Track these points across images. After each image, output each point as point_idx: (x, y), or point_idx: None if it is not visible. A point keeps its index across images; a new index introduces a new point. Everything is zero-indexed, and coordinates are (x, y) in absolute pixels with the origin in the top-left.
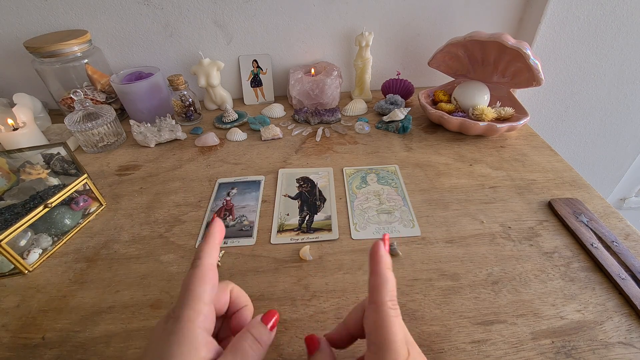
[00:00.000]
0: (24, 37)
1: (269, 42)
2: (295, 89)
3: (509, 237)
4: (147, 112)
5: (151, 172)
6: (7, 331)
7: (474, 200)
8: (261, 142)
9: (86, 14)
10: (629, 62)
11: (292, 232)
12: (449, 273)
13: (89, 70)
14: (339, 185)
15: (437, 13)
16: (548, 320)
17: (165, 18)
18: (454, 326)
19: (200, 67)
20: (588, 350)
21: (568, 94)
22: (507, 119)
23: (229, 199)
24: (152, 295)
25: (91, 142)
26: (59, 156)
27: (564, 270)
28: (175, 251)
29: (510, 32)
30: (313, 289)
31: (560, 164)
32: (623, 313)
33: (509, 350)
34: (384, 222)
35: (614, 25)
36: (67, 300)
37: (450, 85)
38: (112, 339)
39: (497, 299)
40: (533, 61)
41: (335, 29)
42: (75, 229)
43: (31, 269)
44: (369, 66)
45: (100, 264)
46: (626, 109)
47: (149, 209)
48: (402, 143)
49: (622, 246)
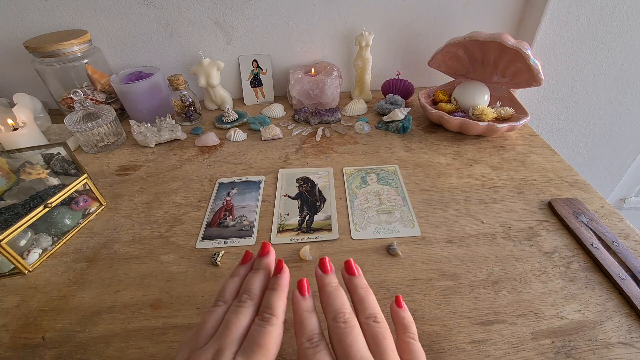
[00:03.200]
0: (24, 37)
1: (269, 42)
2: (295, 89)
3: (509, 237)
4: (147, 112)
5: (151, 172)
6: (7, 331)
7: (474, 200)
8: (261, 142)
9: (86, 14)
10: (629, 63)
11: (292, 232)
12: (449, 273)
13: (89, 70)
14: (339, 185)
15: (437, 13)
16: (548, 320)
17: (165, 18)
18: (454, 326)
19: (200, 67)
20: (588, 350)
21: (568, 94)
22: (507, 119)
23: (229, 199)
24: (152, 295)
25: (91, 142)
26: (59, 156)
27: (564, 270)
28: (175, 251)
29: (510, 32)
30: (313, 289)
31: (560, 164)
32: (623, 313)
33: (509, 350)
34: (384, 222)
35: (614, 25)
36: (67, 300)
37: (450, 85)
38: (112, 339)
39: (497, 299)
40: (533, 61)
41: (335, 29)
42: (75, 229)
43: (31, 269)
44: (369, 66)
45: (100, 264)
46: (626, 109)
47: (149, 209)
48: (402, 143)
49: (622, 246)
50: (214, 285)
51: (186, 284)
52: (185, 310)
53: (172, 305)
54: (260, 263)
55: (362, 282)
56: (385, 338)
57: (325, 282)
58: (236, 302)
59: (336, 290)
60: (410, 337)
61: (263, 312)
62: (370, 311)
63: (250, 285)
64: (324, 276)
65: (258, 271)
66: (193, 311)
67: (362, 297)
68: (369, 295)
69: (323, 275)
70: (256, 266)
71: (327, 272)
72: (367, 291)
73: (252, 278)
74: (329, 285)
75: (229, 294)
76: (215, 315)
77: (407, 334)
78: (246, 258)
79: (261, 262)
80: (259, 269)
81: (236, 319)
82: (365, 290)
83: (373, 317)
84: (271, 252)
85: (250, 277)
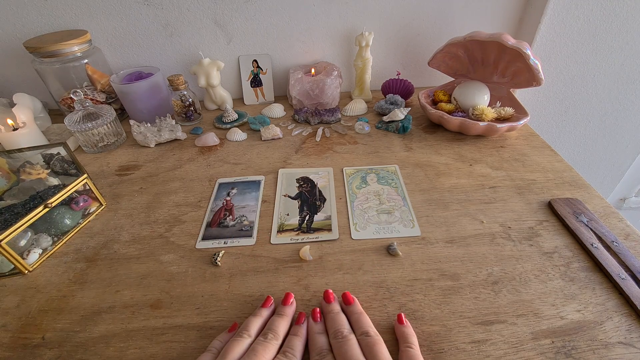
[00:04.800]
0: (24, 37)
1: (269, 42)
2: (295, 89)
3: (509, 237)
4: (147, 112)
5: (151, 172)
6: (7, 331)
7: (474, 200)
8: (261, 142)
9: (86, 14)
10: (629, 62)
11: (292, 232)
12: (449, 273)
13: (89, 70)
14: (339, 185)
15: (437, 13)
16: (548, 320)
17: (165, 18)
18: (454, 326)
19: (200, 67)
20: (588, 350)
21: (568, 94)
22: (507, 119)
23: (229, 199)
24: (152, 295)
25: (91, 142)
26: (59, 156)
27: (564, 270)
28: (175, 251)
29: (510, 32)
30: (313, 289)
31: (560, 164)
32: (623, 313)
33: (509, 350)
34: (384, 222)
35: (614, 25)
36: (67, 300)
37: (450, 85)
38: (112, 339)
39: (497, 299)
40: (533, 61)
41: (335, 29)
42: (75, 229)
43: (31, 269)
44: (369, 66)
45: (100, 264)
46: (626, 109)
47: (149, 209)
48: (402, 143)
49: (622, 246)
50: (214, 285)
51: (186, 284)
52: (185, 311)
53: (172, 305)
54: (284, 310)
55: (358, 308)
56: (375, 345)
57: (329, 310)
58: (262, 337)
59: (337, 315)
60: (408, 346)
61: (286, 352)
62: (363, 329)
63: (276, 327)
64: (328, 305)
65: (282, 316)
66: (193, 311)
67: (357, 319)
68: (362, 318)
69: (327, 304)
70: (280, 312)
71: (330, 302)
72: (361, 314)
73: (277, 321)
74: (332, 312)
75: (253, 330)
76: (242, 344)
77: (405, 344)
78: (267, 303)
79: (285, 309)
80: (283, 315)
81: (263, 351)
82: (359, 314)
83: (366, 332)
84: (293, 302)
85: (275, 319)
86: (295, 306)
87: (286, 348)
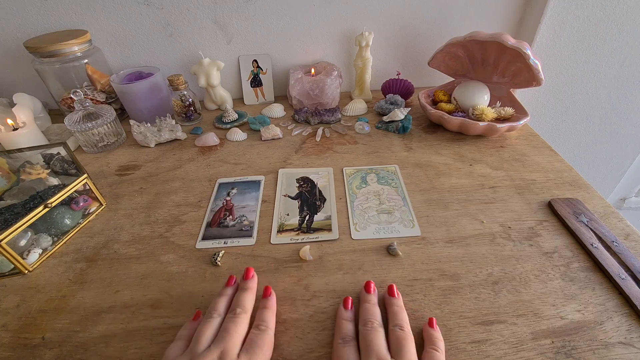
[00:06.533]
0: (24, 37)
1: (269, 42)
2: (295, 89)
3: (509, 237)
4: (147, 112)
5: (151, 172)
6: (7, 331)
7: (474, 200)
8: (261, 142)
9: (86, 14)
10: (629, 62)
11: (292, 232)
12: (449, 273)
13: (89, 70)
14: (339, 185)
15: (437, 13)
16: (548, 320)
17: (165, 18)
18: (454, 326)
19: (200, 67)
20: (588, 350)
21: (568, 94)
22: (507, 119)
23: (229, 199)
24: (152, 295)
25: (91, 142)
26: (59, 156)
27: (564, 270)
28: (175, 251)
29: (510, 32)
30: (313, 289)
31: (560, 164)
32: (623, 313)
33: (509, 350)
34: (384, 222)
35: (614, 25)
36: (67, 300)
37: (450, 85)
38: (112, 339)
39: (497, 299)
40: (533, 61)
41: (335, 29)
42: (75, 229)
43: (31, 269)
44: (369, 66)
45: (100, 264)
46: (626, 108)
47: (149, 209)
48: (402, 143)
49: (622, 246)
50: (214, 285)
51: (186, 284)
52: (185, 310)
53: (172, 305)
54: (246, 284)
55: (399, 302)
56: (405, 339)
57: (366, 299)
58: (231, 314)
59: (373, 306)
60: (433, 348)
61: (259, 324)
62: (398, 321)
63: (242, 301)
64: (367, 295)
65: (247, 290)
66: (193, 311)
67: (396, 312)
68: (401, 312)
69: (366, 294)
70: (243, 286)
71: (369, 292)
72: (400, 308)
73: (242, 295)
74: (369, 302)
75: (221, 309)
76: (213, 324)
77: (431, 346)
78: (230, 281)
79: (247, 283)
80: (247, 289)
81: (235, 326)
82: (399, 308)
83: (400, 326)
84: (254, 276)
85: (240, 294)
86: (257, 279)
87: (259, 321)
